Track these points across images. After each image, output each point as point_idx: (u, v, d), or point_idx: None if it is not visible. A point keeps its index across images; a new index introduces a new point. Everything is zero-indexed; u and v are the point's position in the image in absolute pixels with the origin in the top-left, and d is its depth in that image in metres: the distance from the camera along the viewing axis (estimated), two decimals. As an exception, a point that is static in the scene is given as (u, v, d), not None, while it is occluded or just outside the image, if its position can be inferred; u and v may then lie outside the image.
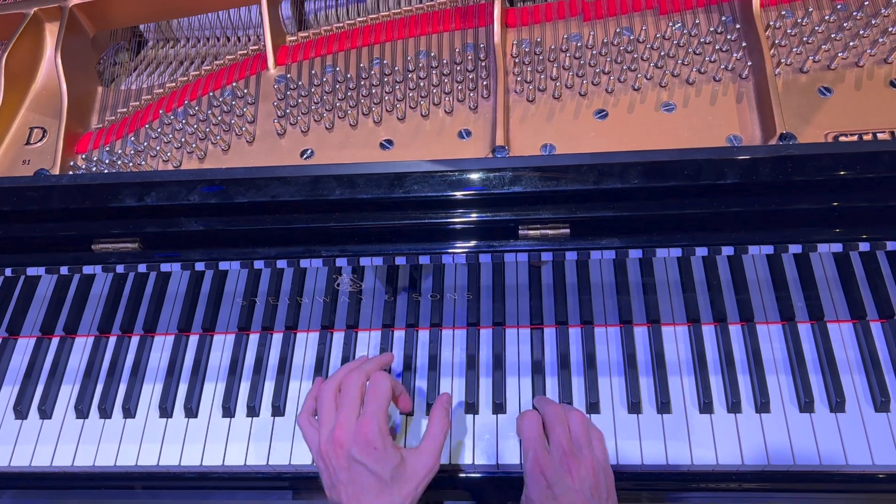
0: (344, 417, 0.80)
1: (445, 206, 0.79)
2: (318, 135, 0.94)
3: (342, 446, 0.78)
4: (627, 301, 0.96)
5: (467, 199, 0.78)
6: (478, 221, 0.79)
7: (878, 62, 0.90)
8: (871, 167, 0.73)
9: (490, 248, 0.80)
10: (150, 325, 1.04)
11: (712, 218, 0.77)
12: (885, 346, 0.92)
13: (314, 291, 0.99)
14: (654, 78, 0.92)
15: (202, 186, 0.81)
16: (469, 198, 0.78)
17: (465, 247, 0.80)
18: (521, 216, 0.79)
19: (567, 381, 0.94)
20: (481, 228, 0.80)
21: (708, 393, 0.90)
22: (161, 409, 0.98)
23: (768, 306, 0.95)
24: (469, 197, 0.78)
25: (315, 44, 1.03)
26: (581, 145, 0.89)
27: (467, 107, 0.94)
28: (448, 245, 0.80)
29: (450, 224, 0.79)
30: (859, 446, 0.86)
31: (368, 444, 0.77)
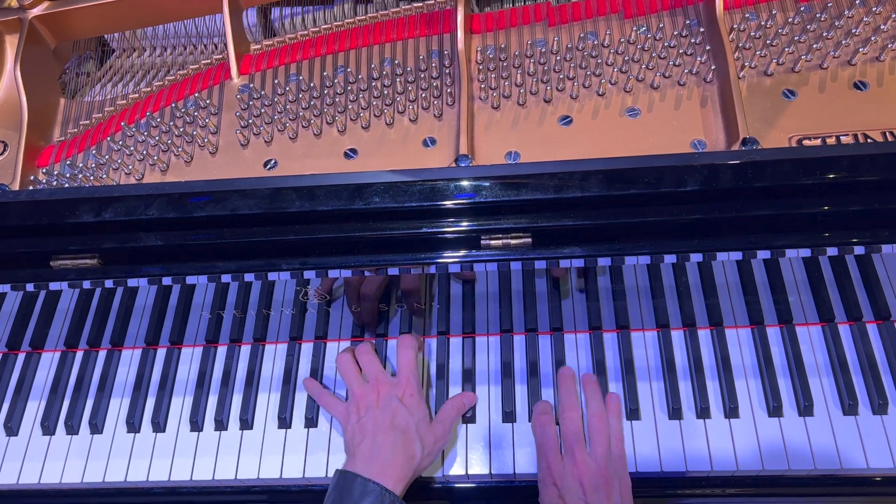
0: (378, 373, 0.89)
1: (406, 217, 0.78)
2: (282, 145, 0.93)
3: (381, 392, 0.86)
4: (597, 307, 0.96)
5: (427, 210, 0.78)
6: (439, 232, 0.78)
7: (842, 64, 0.89)
8: (832, 172, 0.73)
9: (452, 259, 0.79)
10: (118, 339, 1.03)
11: (673, 225, 0.76)
12: (853, 348, 0.92)
13: (282, 303, 0.99)
14: (619, 83, 0.92)
15: (160, 200, 0.80)
16: (429, 208, 0.77)
17: (426, 258, 0.80)
18: (483, 226, 0.78)
19: (536, 389, 0.93)
20: (442, 239, 0.79)
21: (677, 399, 0.90)
22: (128, 424, 0.97)
23: (737, 310, 0.94)
24: (429, 207, 0.77)
25: (279, 52, 1.02)
26: (546, 152, 0.89)
27: (432, 114, 0.93)
28: (409, 256, 0.80)
29: (411, 235, 0.79)
30: (827, 450, 0.86)
31: (408, 390, 0.86)
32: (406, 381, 0.87)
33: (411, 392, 0.86)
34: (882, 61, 0.89)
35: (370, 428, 0.82)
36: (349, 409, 0.86)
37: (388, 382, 0.87)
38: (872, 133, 0.84)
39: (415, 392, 0.86)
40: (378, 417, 0.83)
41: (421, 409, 0.85)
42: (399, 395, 0.85)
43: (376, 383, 0.87)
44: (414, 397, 0.85)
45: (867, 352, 0.91)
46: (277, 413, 0.95)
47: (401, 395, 0.85)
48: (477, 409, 0.93)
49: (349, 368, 0.90)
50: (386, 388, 0.86)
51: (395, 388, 0.86)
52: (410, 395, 0.85)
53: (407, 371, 0.88)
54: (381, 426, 0.82)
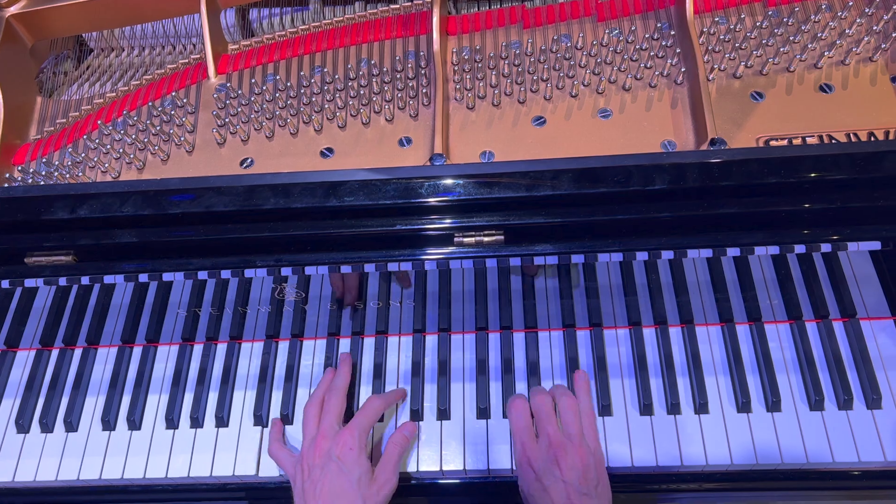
0: (326, 425, 0.86)
1: (380, 215, 0.79)
2: (259, 144, 0.94)
3: (321, 448, 0.84)
4: (570, 305, 0.97)
5: (401, 208, 0.79)
6: (412, 230, 0.79)
7: (809, 67, 0.92)
8: (796, 171, 0.75)
9: (425, 256, 0.80)
10: (94, 337, 1.03)
11: (643, 223, 0.78)
12: (820, 345, 0.94)
13: (259, 301, 0.99)
14: (592, 84, 0.93)
15: (135, 198, 0.80)
16: (402, 206, 0.78)
17: (400, 255, 0.81)
18: (456, 224, 0.79)
19: (510, 386, 0.94)
20: (416, 236, 0.80)
21: (648, 395, 0.91)
22: (104, 421, 0.97)
23: (708, 308, 0.96)
24: (402, 205, 0.78)
25: (257, 52, 1.03)
26: (519, 152, 0.90)
27: (408, 114, 0.94)
28: (383, 253, 0.80)
29: (384, 232, 0.80)
30: (794, 445, 0.88)
31: (345, 446, 0.83)
32: (347, 434, 0.85)
33: (350, 446, 0.83)
34: (847, 65, 0.91)
35: (310, 496, 0.81)
36: (296, 469, 0.85)
37: (329, 436, 0.85)
38: (836, 134, 0.86)
39: (354, 446, 0.84)
40: (317, 480, 0.82)
41: (359, 464, 0.83)
42: (337, 451, 0.83)
43: (319, 437, 0.85)
44: (353, 451, 0.83)
45: (833, 349, 0.92)
46: (253, 411, 0.96)
47: (338, 450, 0.83)
48: (452, 405, 0.94)
49: (308, 423, 0.89)
50: (325, 444, 0.84)
51: (334, 442, 0.84)
52: (349, 450, 0.83)
53: (353, 424, 0.86)
54: (321, 493, 0.81)
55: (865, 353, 0.91)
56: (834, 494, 0.90)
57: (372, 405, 0.89)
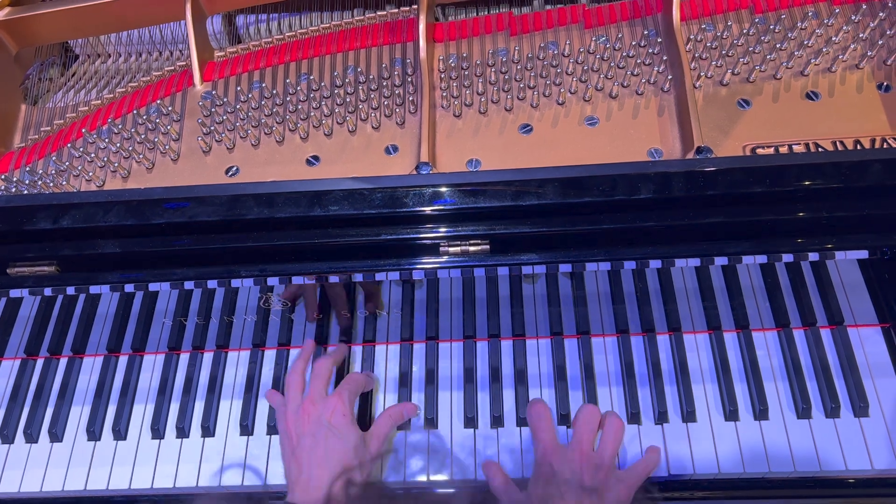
0: (314, 390, 0.87)
1: (364, 224, 0.79)
2: (244, 152, 0.93)
3: (309, 413, 0.84)
4: (558, 312, 0.97)
5: (386, 217, 0.78)
6: (397, 239, 0.79)
7: (795, 75, 0.91)
8: (781, 180, 0.75)
9: (411, 266, 0.80)
10: (79, 347, 1.02)
11: (628, 232, 0.78)
12: (808, 353, 0.94)
13: (245, 310, 0.99)
14: (578, 92, 0.93)
15: (118, 207, 0.80)
16: (387, 215, 0.78)
17: (386, 264, 0.80)
18: (441, 233, 0.79)
19: (498, 395, 0.94)
20: (401, 246, 0.80)
21: (636, 404, 0.91)
22: (89, 432, 0.96)
23: (695, 315, 0.96)
24: (387, 215, 0.78)
25: (243, 59, 1.02)
26: (506, 160, 0.90)
27: (394, 122, 0.94)
28: (368, 263, 0.80)
29: (369, 242, 0.79)
30: (782, 453, 0.87)
31: (337, 411, 0.84)
32: (337, 398, 0.85)
33: (343, 412, 0.84)
34: (833, 72, 0.91)
35: (304, 461, 0.81)
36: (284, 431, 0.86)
37: (318, 402, 0.86)
38: (823, 142, 0.86)
39: (346, 413, 0.84)
40: (310, 447, 0.82)
41: (353, 430, 0.84)
42: (328, 415, 0.84)
43: (307, 402, 0.85)
44: (346, 418, 0.84)
45: (821, 356, 0.92)
46: (239, 420, 0.95)
47: (329, 415, 0.84)
48: (439, 414, 0.94)
49: (293, 386, 0.89)
50: (314, 410, 0.84)
51: (324, 407, 0.85)
52: (342, 415, 0.84)
53: (342, 388, 0.87)
54: (314, 458, 0.81)
55: (853, 360, 0.91)
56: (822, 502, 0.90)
57: (354, 377, 0.91)
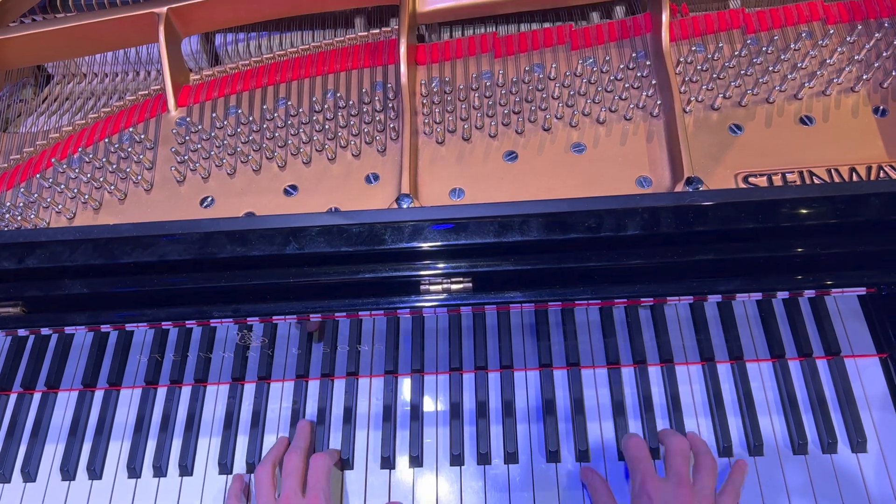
0: (290, 490, 0.81)
1: (342, 262, 0.76)
2: (220, 181, 0.90)
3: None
4: (547, 345, 0.94)
5: (364, 254, 0.75)
6: (376, 277, 0.76)
7: (789, 98, 0.89)
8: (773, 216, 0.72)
9: (391, 305, 0.77)
10: (54, 382, 0.99)
11: (616, 269, 0.75)
12: (804, 385, 0.91)
13: (224, 346, 0.96)
14: (565, 117, 0.90)
15: (85, 246, 0.77)
16: (366, 253, 0.75)
17: (364, 303, 0.77)
18: (422, 271, 0.76)
19: (485, 430, 0.91)
20: (380, 284, 0.77)
21: (626, 439, 0.88)
22: (63, 471, 0.93)
23: (688, 346, 0.93)
24: (366, 252, 0.75)
25: (219, 83, 0.99)
26: (491, 189, 0.87)
27: (375, 149, 0.91)
28: (346, 303, 0.77)
29: (347, 280, 0.76)
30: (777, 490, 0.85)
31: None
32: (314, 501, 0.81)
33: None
34: (828, 95, 0.88)
35: None
36: None
37: None
38: (817, 170, 0.83)
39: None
40: None
41: None
42: None
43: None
44: None
45: (817, 389, 0.89)
46: (218, 459, 0.92)
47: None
48: (424, 452, 0.91)
49: (263, 487, 0.83)
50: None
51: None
52: None
53: (316, 489, 0.82)
54: None
55: (850, 393, 0.88)
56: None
57: (319, 464, 0.85)
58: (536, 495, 0.87)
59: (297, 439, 0.89)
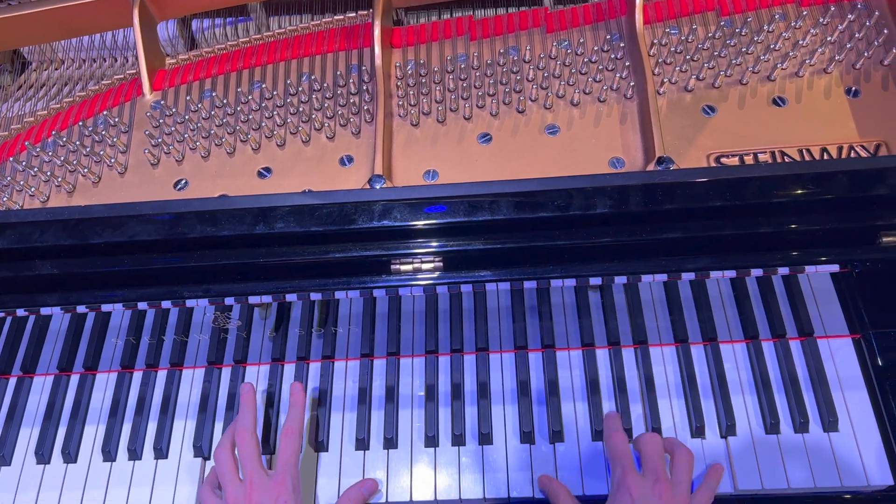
0: (254, 473, 0.80)
1: (312, 242, 0.76)
2: (194, 164, 0.90)
3: (253, 501, 0.78)
4: (523, 326, 0.94)
5: (335, 234, 0.75)
6: (347, 258, 0.76)
7: (762, 79, 0.89)
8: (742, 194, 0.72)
9: (362, 285, 0.77)
10: (29, 366, 0.99)
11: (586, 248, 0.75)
12: (777, 366, 0.91)
13: (201, 328, 0.96)
14: (539, 99, 0.90)
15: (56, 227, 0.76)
16: (336, 232, 0.75)
17: (335, 283, 0.77)
18: (392, 251, 0.76)
19: (460, 412, 0.91)
20: (351, 263, 0.77)
21: (599, 420, 0.88)
22: (38, 455, 0.93)
23: (662, 328, 0.93)
24: (336, 232, 0.75)
25: (195, 67, 0.99)
26: (464, 171, 0.87)
27: (350, 132, 0.91)
28: (317, 282, 0.77)
29: (318, 260, 0.76)
30: (749, 470, 0.85)
31: (280, 498, 0.78)
32: (280, 484, 0.80)
33: (285, 499, 0.78)
34: (801, 77, 0.88)
35: None
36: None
37: (261, 486, 0.79)
38: (789, 150, 0.83)
39: (289, 498, 0.79)
40: None
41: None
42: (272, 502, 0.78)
43: (249, 488, 0.79)
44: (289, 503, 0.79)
45: (790, 369, 0.90)
46: (193, 442, 0.92)
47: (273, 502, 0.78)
48: (399, 434, 0.91)
49: (224, 467, 0.82)
50: (258, 496, 0.78)
51: (267, 494, 0.79)
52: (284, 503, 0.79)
53: (283, 470, 0.81)
54: None
55: (822, 373, 0.89)
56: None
57: (290, 438, 0.84)
58: (511, 476, 0.87)
59: (242, 416, 0.86)
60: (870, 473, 0.84)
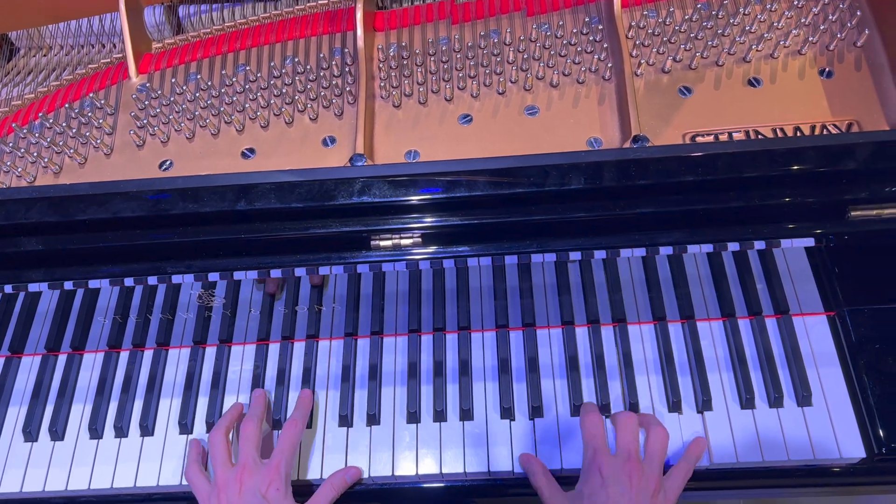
0: (248, 457, 0.82)
1: (292, 218, 0.77)
2: (179, 145, 0.91)
3: (246, 483, 0.80)
4: (504, 307, 0.96)
5: (315, 210, 0.77)
6: (327, 233, 0.77)
7: (738, 61, 0.90)
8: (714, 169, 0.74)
9: (341, 260, 0.79)
10: (17, 346, 1.00)
11: (561, 223, 0.76)
12: (752, 343, 0.93)
13: (188, 307, 0.97)
14: (519, 81, 0.92)
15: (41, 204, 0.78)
16: (317, 208, 0.76)
17: (315, 259, 0.79)
18: (371, 226, 0.77)
19: (442, 389, 0.93)
20: (331, 239, 0.78)
21: (579, 396, 0.90)
22: (25, 433, 0.94)
23: (641, 306, 0.95)
24: (316, 207, 0.76)
25: (180, 51, 1.00)
26: (445, 151, 0.88)
27: (332, 113, 0.92)
28: (297, 258, 0.78)
29: (298, 236, 0.77)
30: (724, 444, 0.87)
31: (272, 485, 0.80)
32: (274, 470, 0.81)
33: (277, 486, 0.80)
34: (776, 58, 0.90)
35: None
36: (210, 499, 0.81)
37: (254, 470, 0.81)
38: (763, 129, 0.85)
39: (281, 486, 0.80)
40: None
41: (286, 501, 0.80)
42: (263, 488, 0.79)
43: (241, 470, 0.81)
44: (279, 491, 0.80)
45: (765, 346, 0.91)
46: (178, 419, 0.93)
47: (265, 488, 0.79)
48: (382, 410, 0.93)
49: (218, 450, 0.84)
50: (250, 479, 0.80)
51: (261, 477, 0.80)
52: (276, 489, 0.80)
53: (279, 457, 0.83)
54: None
55: (797, 350, 0.90)
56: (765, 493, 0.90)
57: (293, 431, 0.85)
58: (490, 451, 0.89)
59: (254, 407, 0.90)
60: (842, 447, 0.86)
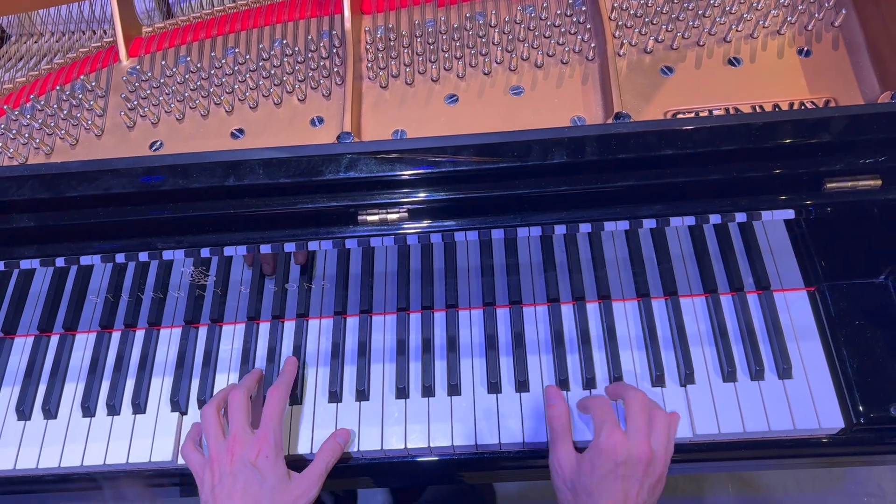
0: (238, 428, 0.83)
1: (280, 193, 0.78)
2: (169, 126, 0.93)
3: (236, 453, 0.81)
4: (491, 284, 0.97)
5: (302, 185, 0.78)
6: (315, 208, 0.79)
7: (718, 41, 0.92)
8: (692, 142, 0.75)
9: (329, 235, 0.80)
10: (10, 327, 1.01)
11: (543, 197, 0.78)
12: (734, 318, 0.95)
13: (179, 285, 0.98)
14: (504, 62, 0.93)
15: (32, 182, 0.79)
16: (304, 184, 0.78)
17: (303, 234, 0.80)
18: (359, 202, 0.79)
19: (430, 365, 0.94)
20: (319, 214, 0.80)
21: (564, 370, 0.92)
22: (18, 411, 0.95)
23: (625, 283, 0.97)
24: (304, 183, 0.78)
25: (170, 34, 1.01)
26: (432, 130, 0.90)
27: (320, 94, 0.93)
28: (286, 233, 0.80)
29: (286, 211, 0.79)
30: (707, 416, 0.88)
31: (261, 453, 0.81)
32: (263, 439, 0.82)
33: (266, 454, 0.81)
34: (755, 38, 0.91)
35: (221, 500, 0.79)
36: (204, 471, 0.82)
37: (243, 441, 0.82)
38: (742, 106, 0.87)
39: (270, 453, 0.81)
40: (230, 488, 0.79)
41: (275, 470, 0.80)
42: (252, 457, 0.80)
43: (232, 441, 0.82)
44: (269, 458, 0.81)
45: (747, 321, 0.93)
46: (170, 397, 0.95)
47: (254, 456, 0.80)
48: (371, 386, 0.94)
49: (210, 423, 0.85)
50: (240, 449, 0.81)
51: (250, 447, 0.81)
52: (265, 457, 0.81)
53: (267, 426, 0.83)
54: (232, 499, 0.78)
55: (778, 324, 0.92)
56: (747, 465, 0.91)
57: (276, 398, 0.87)
58: (478, 425, 0.90)
59: (244, 379, 0.91)
60: (822, 418, 0.87)
